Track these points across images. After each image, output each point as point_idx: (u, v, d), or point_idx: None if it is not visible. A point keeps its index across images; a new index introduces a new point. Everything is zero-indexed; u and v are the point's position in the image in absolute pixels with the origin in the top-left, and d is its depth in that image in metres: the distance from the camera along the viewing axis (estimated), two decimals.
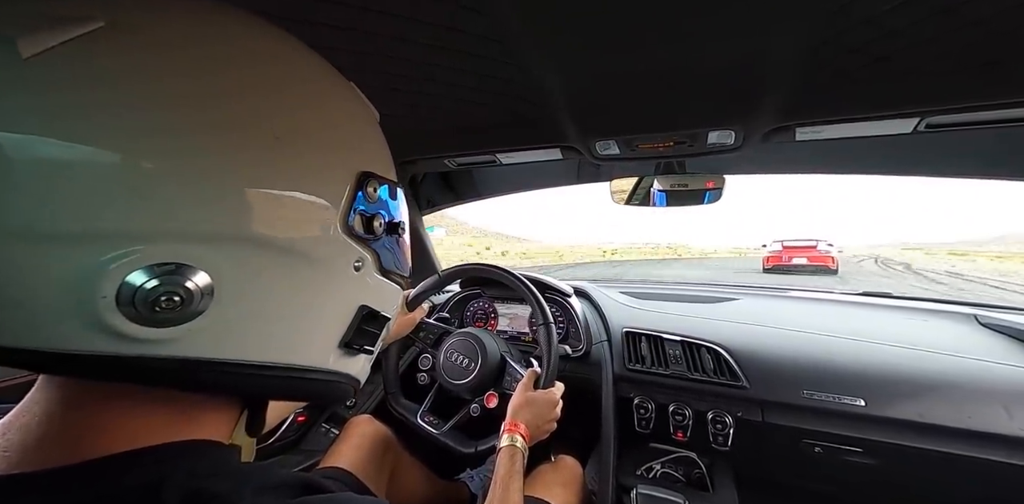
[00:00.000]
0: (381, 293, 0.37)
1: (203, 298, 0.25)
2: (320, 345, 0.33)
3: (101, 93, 0.23)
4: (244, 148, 0.26)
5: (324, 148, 0.31)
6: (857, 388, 0.88)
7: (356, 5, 0.55)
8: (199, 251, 0.25)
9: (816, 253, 13.77)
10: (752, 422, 0.94)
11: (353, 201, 0.32)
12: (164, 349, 0.25)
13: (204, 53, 0.26)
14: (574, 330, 1.21)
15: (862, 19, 0.53)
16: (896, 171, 1.13)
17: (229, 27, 0.29)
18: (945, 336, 1.02)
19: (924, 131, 0.75)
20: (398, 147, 1.07)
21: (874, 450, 0.86)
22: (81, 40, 0.22)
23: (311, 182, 0.30)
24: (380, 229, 0.35)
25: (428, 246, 1.55)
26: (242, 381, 0.29)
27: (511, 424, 0.77)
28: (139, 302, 0.23)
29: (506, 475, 0.69)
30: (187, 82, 0.25)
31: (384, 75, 0.74)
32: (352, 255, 0.33)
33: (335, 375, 0.35)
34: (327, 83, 0.34)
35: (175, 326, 0.25)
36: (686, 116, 0.80)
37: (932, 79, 0.65)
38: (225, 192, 0.25)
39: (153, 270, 0.23)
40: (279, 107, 0.29)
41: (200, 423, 0.30)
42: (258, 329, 0.28)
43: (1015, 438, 0.76)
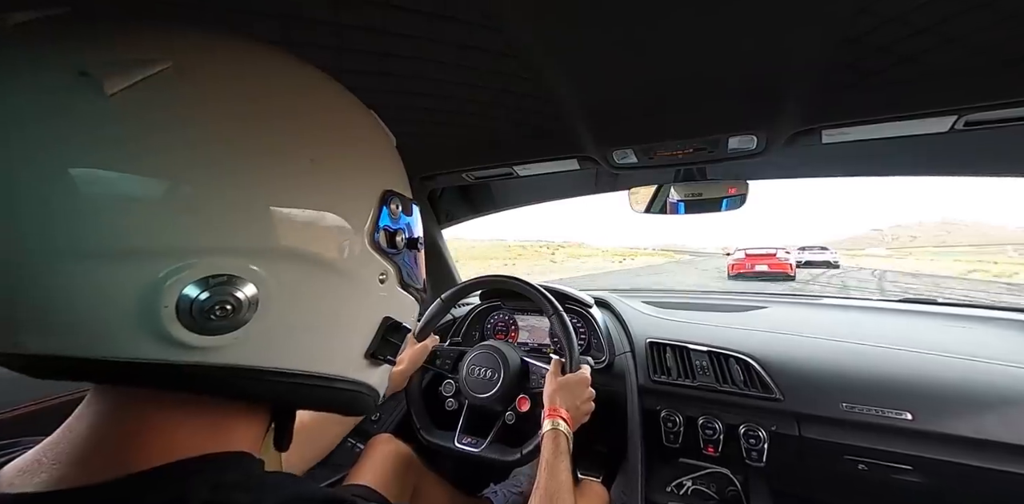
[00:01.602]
0: (402, 305, 0.40)
1: (250, 307, 0.27)
2: (348, 355, 0.35)
3: (167, 128, 0.25)
4: (284, 172, 0.29)
5: (353, 169, 0.34)
6: (902, 400, 0.83)
7: (377, 29, 0.58)
8: (246, 264, 0.27)
9: (776, 260, 15.07)
10: (788, 436, 0.90)
11: (379, 218, 0.35)
12: (214, 357, 0.27)
13: (248, 89, 0.29)
14: (596, 341, 1.19)
15: (889, 17, 0.51)
16: (930, 171, 1.09)
17: (267, 64, 0.32)
18: (998, 345, 0.95)
19: (962, 129, 0.72)
20: (417, 163, 1.12)
21: (925, 468, 0.80)
22: (153, 79, 0.25)
23: (343, 200, 0.33)
24: (402, 244, 0.37)
25: (448, 259, 1.56)
26: (279, 388, 0.31)
27: (550, 410, 0.78)
28: (196, 311, 0.25)
29: (551, 457, 0.69)
30: (235, 116, 0.28)
31: (403, 94, 0.76)
32: (378, 268, 0.35)
33: (359, 385, 0.37)
34: (351, 111, 0.37)
35: (225, 334, 0.27)
36: (705, 122, 0.79)
37: (968, 76, 0.62)
38: (269, 211, 0.28)
39: (208, 282, 0.26)
40: (312, 134, 0.32)
41: (231, 435, 0.31)
42: (296, 338, 0.31)
43: None
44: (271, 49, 0.33)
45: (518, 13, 0.51)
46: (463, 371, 0.99)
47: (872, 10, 0.50)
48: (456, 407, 1.01)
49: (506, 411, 0.94)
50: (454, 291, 1.07)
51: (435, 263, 1.55)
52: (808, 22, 0.51)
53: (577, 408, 0.81)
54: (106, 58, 0.25)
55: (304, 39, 0.60)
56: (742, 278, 15.18)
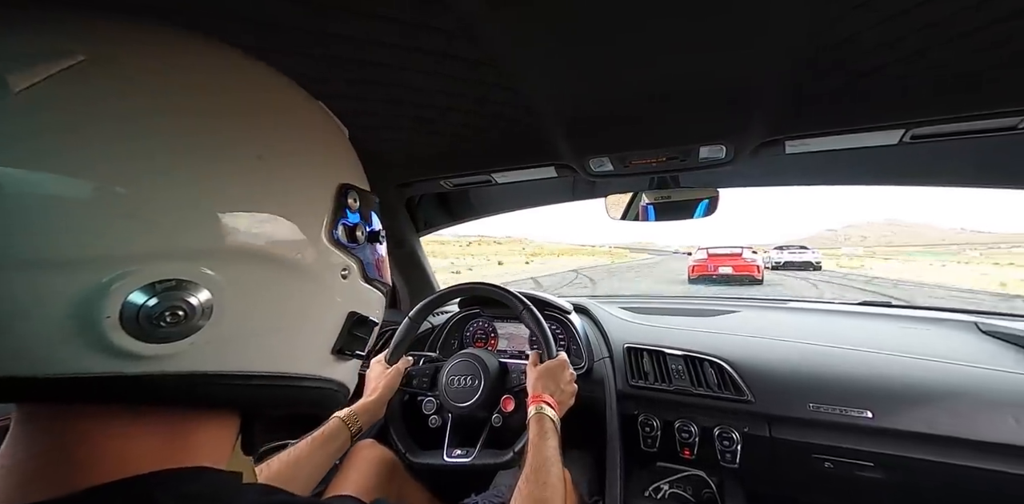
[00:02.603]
0: (368, 300, 0.39)
1: (204, 312, 0.26)
2: (314, 352, 0.35)
3: (86, 124, 0.24)
4: (229, 170, 0.28)
5: (305, 164, 0.33)
6: (863, 400, 0.87)
7: (357, 38, 0.57)
8: (197, 268, 0.26)
9: (742, 262, 13.08)
10: (760, 437, 0.92)
11: (336, 212, 0.34)
12: (167, 365, 0.26)
13: (179, 82, 0.28)
14: (575, 347, 1.20)
15: (846, 36, 0.55)
16: (884, 181, 1.15)
17: (200, 56, 0.30)
18: (948, 344, 1.01)
19: (910, 142, 0.77)
20: (394, 171, 1.11)
21: (885, 464, 0.84)
22: (66, 74, 0.23)
23: (296, 196, 0.32)
24: (362, 238, 0.37)
25: (426, 268, 1.55)
26: (243, 392, 0.29)
27: (533, 397, 0.79)
28: (143, 319, 0.24)
29: (536, 437, 0.70)
30: (165, 111, 0.26)
31: (381, 102, 0.76)
32: (339, 264, 0.35)
33: (328, 382, 0.36)
34: (298, 104, 0.36)
35: (178, 341, 0.25)
36: (677, 132, 0.82)
37: (915, 92, 0.67)
38: (216, 211, 0.27)
39: (154, 288, 0.24)
40: (256, 129, 0.30)
41: (194, 448, 0.29)
42: (257, 340, 0.30)
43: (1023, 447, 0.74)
44: (208, 42, 0.31)
45: (494, 24, 0.52)
46: (442, 384, 0.97)
47: (828, 31, 0.54)
48: (440, 424, 0.99)
49: (492, 415, 0.93)
50: (421, 307, 1.06)
51: (413, 272, 1.53)
52: (770, 42, 0.54)
53: (562, 391, 0.82)
54: (13, 52, 0.23)
55: (282, 46, 0.59)
56: (704, 281, 13.32)
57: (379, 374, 0.95)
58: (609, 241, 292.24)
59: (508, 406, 0.93)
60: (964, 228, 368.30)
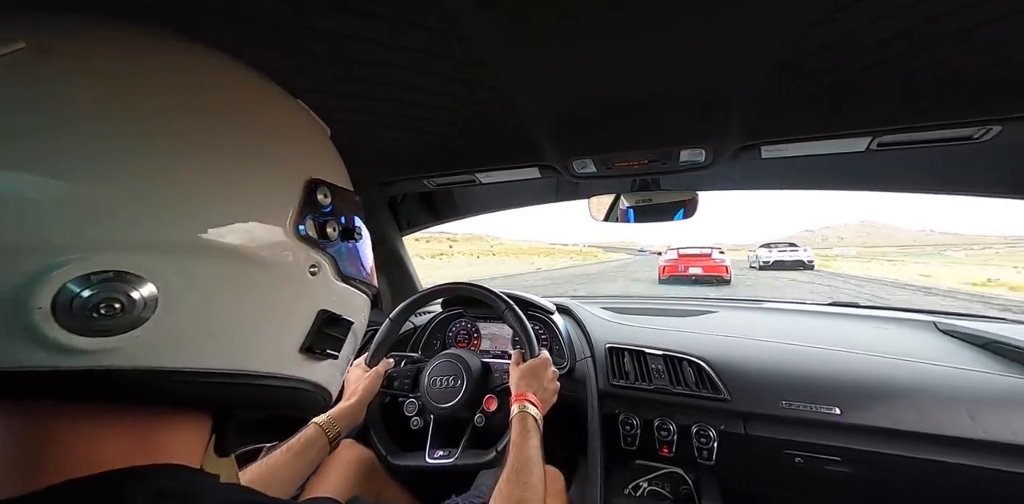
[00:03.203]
0: (343, 298, 0.38)
1: (146, 305, 0.25)
2: (279, 350, 0.33)
3: (24, 110, 0.23)
4: (181, 159, 0.27)
5: (267, 157, 0.32)
6: (832, 397, 0.90)
7: (340, 32, 0.56)
8: (142, 260, 0.25)
9: (711, 262, 13.45)
10: (735, 434, 0.95)
11: (303, 207, 0.33)
12: (110, 359, 0.24)
13: (130, 69, 0.27)
14: (558, 347, 1.20)
15: (816, 46, 0.57)
16: (855, 187, 1.20)
17: (158, 45, 0.30)
18: (910, 343, 1.06)
19: (876, 149, 0.81)
20: (377, 168, 1.09)
21: (851, 458, 0.88)
22: (7, 59, 0.23)
23: (257, 190, 0.31)
24: (334, 234, 0.36)
25: (409, 267, 1.53)
26: (203, 390, 0.28)
27: (516, 396, 0.79)
28: (76, 311, 0.23)
29: (518, 436, 0.70)
30: (112, 97, 0.26)
31: (365, 99, 0.75)
32: (306, 260, 0.34)
33: (299, 382, 0.35)
34: (264, 96, 0.35)
35: (120, 335, 0.24)
36: (659, 135, 0.83)
37: (881, 102, 0.70)
38: (166, 201, 0.26)
39: (89, 279, 0.23)
40: (214, 120, 0.30)
41: (166, 449, 0.28)
42: (215, 335, 0.28)
43: (978, 441, 0.78)
44: (162, 32, 0.30)
45: (479, 24, 0.52)
46: (424, 385, 0.96)
47: (800, 42, 0.56)
48: (422, 425, 0.98)
49: (475, 415, 0.93)
50: (402, 308, 1.05)
51: (396, 271, 1.51)
52: (746, 51, 0.56)
53: (544, 388, 0.82)
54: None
55: (264, 40, 0.57)
56: (674, 281, 13.49)
57: (358, 377, 0.94)
58: (590, 240, 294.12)
59: (491, 405, 0.93)
60: (933, 230, 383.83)
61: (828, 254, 68.44)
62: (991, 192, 1.02)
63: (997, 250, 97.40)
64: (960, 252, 72.48)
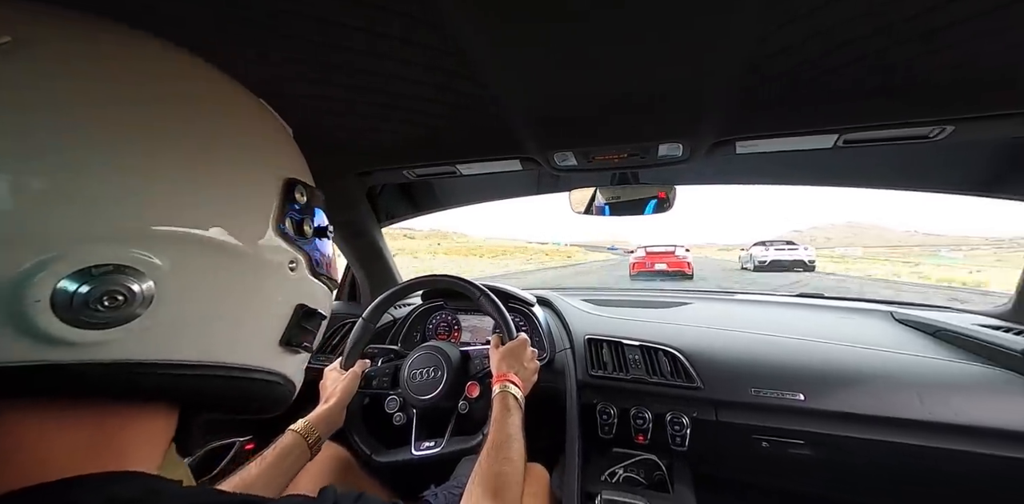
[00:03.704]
0: (315, 293, 0.40)
1: (144, 298, 0.25)
2: (260, 343, 0.35)
3: (15, 104, 0.23)
4: (175, 156, 0.28)
5: (250, 156, 0.34)
6: (797, 384, 0.94)
7: (312, 16, 0.54)
8: (138, 252, 0.25)
9: (674, 259, 14.85)
10: (707, 422, 0.99)
11: (285, 205, 0.35)
12: (101, 352, 0.25)
13: (123, 70, 0.28)
14: (538, 339, 1.21)
15: (784, 47, 0.59)
16: (825, 182, 1.25)
17: (143, 48, 0.30)
18: (868, 332, 1.12)
19: (843, 146, 0.84)
20: (354, 158, 1.07)
21: (813, 441, 0.92)
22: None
23: (243, 187, 0.32)
24: (310, 232, 0.37)
25: (388, 260, 1.51)
26: (182, 382, 0.29)
27: (497, 377, 0.80)
28: (77, 304, 0.23)
29: (499, 414, 0.71)
30: (108, 95, 0.26)
31: (340, 87, 0.72)
32: (287, 256, 0.35)
33: (273, 375, 0.36)
34: (240, 98, 0.36)
35: (115, 327, 0.25)
36: (638, 130, 0.84)
37: (846, 100, 0.73)
38: (161, 196, 0.26)
39: (91, 272, 0.23)
40: (200, 120, 0.31)
41: (123, 448, 0.28)
42: (200, 327, 0.29)
43: (926, 422, 0.84)
44: (135, 32, 0.31)
45: (458, 13, 0.51)
46: (404, 379, 0.96)
47: (770, 41, 0.58)
48: (405, 420, 0.97)
49: (458, 403, 0.93)
50: (375, 306, 1.03)
51: (375, 264, 1.49)
52: (720, 50, 0.57)
53: (524, 367, 0.84)
54: None
55: (231, 24, 0.54)
56: (643, 276, 14.70)
57: (335, 380, 0.92)
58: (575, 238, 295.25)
59: (473, 392, 0.93)
60: (916, 231, 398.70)
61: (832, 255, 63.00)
62: (946, 189, 1.08)
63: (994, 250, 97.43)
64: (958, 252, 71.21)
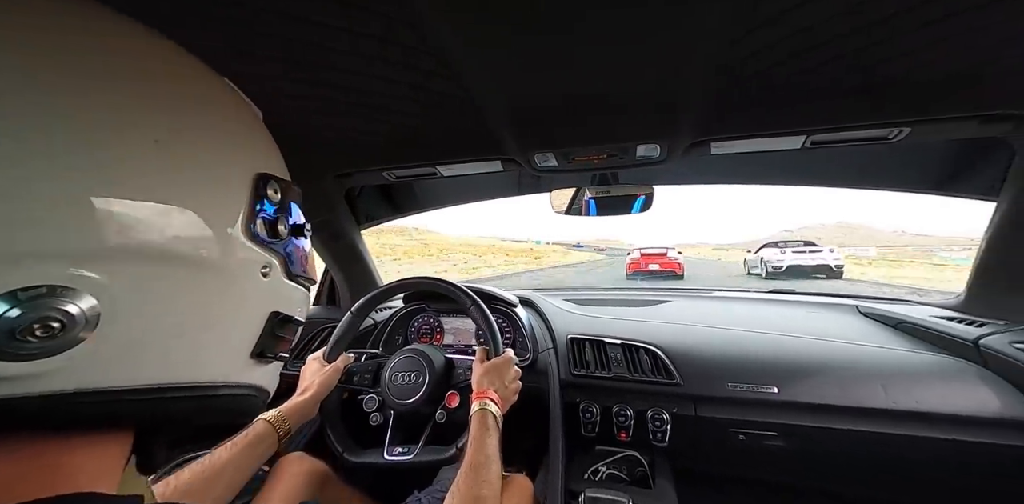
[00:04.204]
0: (290, 297, 0.36)
1: (87, 322, 0.22)
2: (230, 357, 0.31)
3: None
4: (119, 155, 0.24)
5: (214, 150, 0.30)
6: (771, 377, 0.98)
7: (289, 13, 0.53)
8: (79, 270, 0.22)
9: (666, 260, 15.79)
10: (686, 417, 1.01)
11: (254, 205, 0.31)
12: (38, 385, 0.21)
13: (59, 51, 0.23)
14: (521, 340, 1.22)
15: (751, 51, 0.61)
16: (793, 182, 1.30)
17: (85, 21, 0.26)
18: (835, 325, 1.17)
19: (810, 147, 0.88)
20: (333, 160, 1.05)
21: (785, 432, 0.96)
22: None
23: (205, 187, 0.28)
24: (285, 232, 0.34)
25: (369, 262, 1.49)
26: (141, 408, 0.25)
27: (477, 393, 0.78)
28: (2, 333, 0.20)
29: (478, 434, 0.70)
30: (41, 84, 0.22)
31: (318, 86, 0.71)
32: (259, 261, 0.32)
33: (245, 388, 0.33)
34: (205, 82, 0.32)
35: (50, 357, 0.21)
36: (617, 131, 0.86)
37: (813, 103, 0.76)
38: (102, 204, 0.23)
39: (16, 296, 0.20)
40: (154, 109, 0.26)
41: (71, 472, 0.24)
42: (159, 348, 0.26)
43: (889, 411, 0.88)
44: (94, 5, 0.26)
45: (435, 13, 0.51)
46: (385, 380, 0.94)
47: (739, 47, 0.60)
48: (381, 421, 0.95)
49: (436, 411, 0.92)
50: (364, 302, 1.01)
51: (355, 266, 1.46)
52: (693, 53, 0.59)
53: (505, 387, 0.82)
54: None
55: (202, 19, 0.53)
56: (638, 276, 15.61)
57: (315, 372, 0.90)
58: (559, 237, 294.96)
59: (453, 402, 0.92)
60: (904, 231, 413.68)
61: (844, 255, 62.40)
62: (904, 188, 1.14)
63: None
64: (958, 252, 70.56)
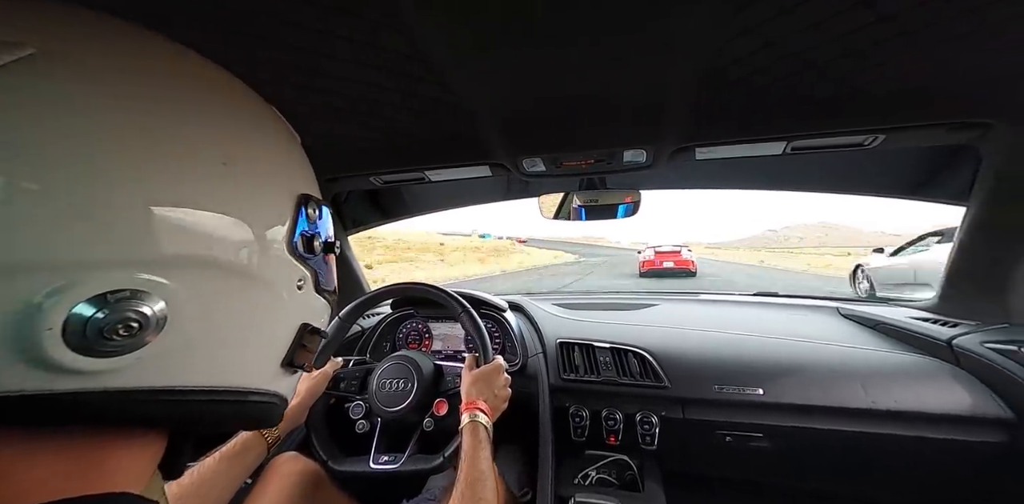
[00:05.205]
0: (318, 310, 0.39)
1: (158, 324, 0.25)
2: (264, 365, 0.34)
3: (34, 122, 0.22)
4: (193, 175, 0.27)
5: (268, 172, 0.33)
6: (756, 379, 0.99)
7: (274, 16, 0.53)
8: (153, 277, 0.24)
9: (680, 258, 16.16)
10: (675, 419, 1.02)
11: (296, 222, 0.34)
12: (109, 380, 0.24)
13: (142, 81, 0.26)
14: (510, 344, 1.21)
15: (731, 60, 0.63)
16: (775, 187, 1.33)
17: (162, 54, 0.29)
18: (818, 327, 1.20)
19: (791, 153, 0.90)
20: (320, 164, 1.02)
21: (771, 433, 0.97)
22: (15, 66, 0.22)
23: (260, 205, 0.31)
24: (319, 249, 0.37)
25: (355, 268, 1.47)
26: (184, 409, 0.28)
27: (467, 404, 0.77)
28: (91, 332, 0.22)
29: (471, 448, 0.69)
30: (126, 110, 0.25)
31: (305, 90, 0.70)
32: (296, 275, 0.35)
33: (272, 396, 0.35)
34: (259, 110, 0.35)
35: (126, 355, 0.24)
36: (604, 136, 0.87)
37: (793, 110, 0.79)
38: (176, 218, 0.25)
39: (106, 298, 0.23)
40: (223, 134, 0.30)
41: (110, 473, 0.26)
42: (208, 352, 0.28)
43: (870, 410, 0.90)
44: (165, 40, 0.30)
45: (419, 14, 0.51)
46: (372, 388, 0.93)
47: (722, 54, 0.62)
48: (368, 429, 0.94)
49: (424, 419, 0.91)
50: (353, 308, 1.00)
51: (342, 272, 1.44)
52: (677, 60, 0.60)
53: (495, 396, 0.82)
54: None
55: (197, 25, 0.52)
56: (652, 275, 15.69)
57: (303, 378, 0.88)
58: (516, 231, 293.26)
59: (441, 410, 0.90)
60: (883, 231, 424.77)
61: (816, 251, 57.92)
62: (879, 192, 1.18)
63: None
64: None
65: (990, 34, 0.56)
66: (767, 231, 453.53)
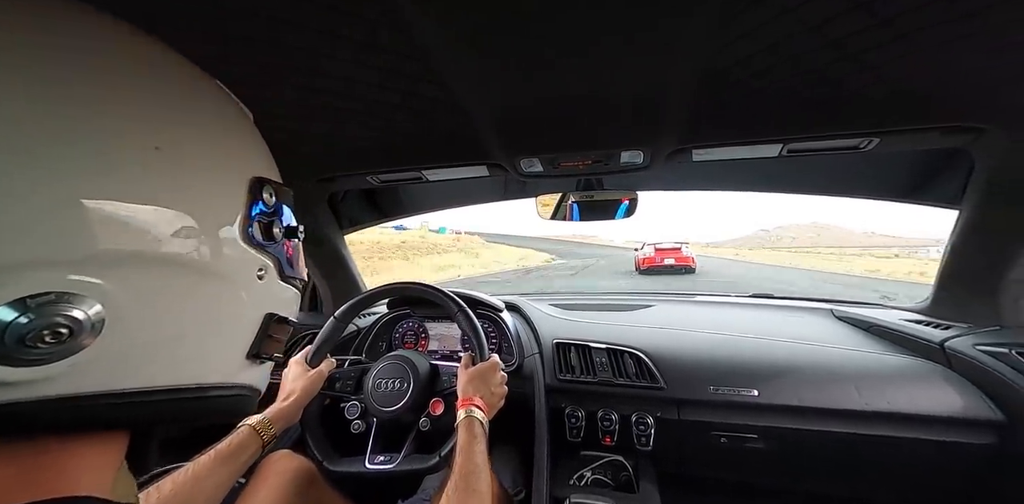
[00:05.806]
0: (284, 298, 0.37)
1: (93, 328, 0.23)
2: (228, 359, 0.32)
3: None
4: (121, 162, 0.24)
5: (212, 155, 0.30)
6: (752, 380, 1.00)
7: (272, 17, 0.52)
8: (84, 277, 0.22)
9: (681, 255, 16.34)
10: (670, 420, 1.02)
11: (251, 208, 0.32)
12: (42, 389, 0.22)
13: (57, 59, 0.23)
14: (507, 345, 1.21)
15: (729, 63, 0.64)
16: (770, 189, 1.34)
17: (81, 27, 0.25)
18: (813, 329, 1.20)
19: (787, 155, 0.91)
20: (317, 164, 1.04)
21: (765, 435, 0.98)
22: None
23: (204, 193, 0.29)
24: (279, 235, 0.35)
25: (351, 268, 1.47)
26: (141, 410, 0.26)
27: (463, 401, 0.77)
28: (10, 340, 0.20)
29: (466, 443, 0.69)
30: (43, 95, 0.22)
31: (303, 90, 0.70)
32: (255, 264, 0.33)
33: (240, 388, 0.34)
34: (201, 87, 0.31)
35: (57, 362, 0.22)
36: (602, 137, 0.87)
37: (789, 112, 0.79)
38: (105, 211, 0.23)
39: (25, 303, 0.20)
40: (152, 114, 0.26)
41: (68, 476, 0.25)
42: (159, 351, 0.27)
43: (863, 412, 0.91)
44: (88, 10, 0.26)
45: (419, 18, 0.51)
46: (368, 387, 0.92)
47: (719, 58, 0.62)
48: (363, 429, 0.93)
49: (420, 419, 0.90)
50: (348, 307, 0.99)
51: (337, 272, 1.44)
52: (675, 60, 0.60)
53: (492, 393, 0.82)
54: None
55: (181, 21, 0.52)
56: (652, 272, 15.70)
57: (298, 376, 0.88)
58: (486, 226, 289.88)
59: (437, 409, 0.90)
60: (875, 232, 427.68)
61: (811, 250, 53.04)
62: (873, 195, 1.19)
63: None
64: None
65: (987, 39, 0.57)
66: (759, 231, 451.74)
